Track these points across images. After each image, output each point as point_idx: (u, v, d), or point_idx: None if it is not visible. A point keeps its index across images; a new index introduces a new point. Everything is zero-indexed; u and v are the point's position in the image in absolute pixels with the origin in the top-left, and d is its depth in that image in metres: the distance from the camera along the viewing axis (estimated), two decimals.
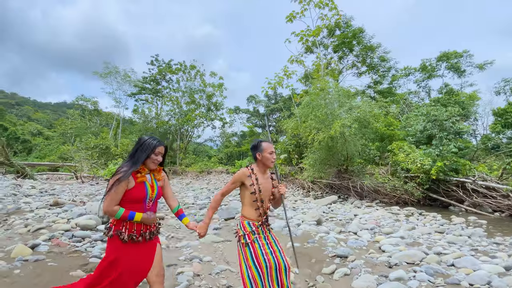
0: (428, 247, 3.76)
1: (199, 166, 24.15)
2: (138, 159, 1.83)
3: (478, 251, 3.65)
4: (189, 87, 28.44)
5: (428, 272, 2.81)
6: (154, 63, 28.76)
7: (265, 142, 2.19)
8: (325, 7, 15.14)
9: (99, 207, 1.80)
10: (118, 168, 1.83)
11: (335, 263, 3.26)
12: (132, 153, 1.87)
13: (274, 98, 34.31)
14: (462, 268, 2.97)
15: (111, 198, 1.72)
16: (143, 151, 1.85)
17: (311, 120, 10.31)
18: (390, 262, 3.22)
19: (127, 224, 1.79)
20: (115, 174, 1.76)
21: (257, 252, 2.00)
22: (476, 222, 6.37)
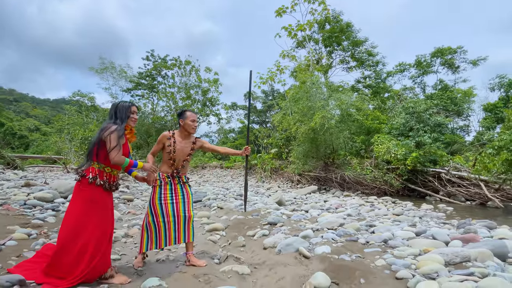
0: (368, 223, 3.94)
1: (193, 161, 24.39)
2: (122, 118, 2.19)
3: (415, 227, 3.81)
4: (185, 82, 28.61)
5: (338, 234, 3.06)
6: (150, 58, 28.95)
7: (189, 111, 2.58)
8: (315, 2, 15.25)
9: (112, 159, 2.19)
10: (106, 126, 2.12)
11: (263, 229, 3.63)
12: (112, 115, 2.20)
13: (271, 94, 34.45)
14: (375, 233, 3.19)
15: (118, 149, 2.05)
16: (121, 112, 2.20)
17: (295, 113, 10.50)
18: (312, 228, 3.54)
19: (107, 175, 2.18)
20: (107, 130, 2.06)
21: (155, 196, 2.47)
22: (443, 208, 6.58)
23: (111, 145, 2.04)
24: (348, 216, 4.44)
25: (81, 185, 2.11)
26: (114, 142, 2.04)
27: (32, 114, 48.60)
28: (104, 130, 2.09)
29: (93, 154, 2.14)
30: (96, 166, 2.15)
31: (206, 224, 3.96)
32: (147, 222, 2.46)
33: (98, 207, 2.11)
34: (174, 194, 2.51)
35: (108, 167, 2.18)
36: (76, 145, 16.30)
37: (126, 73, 29.41)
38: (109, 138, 2.05)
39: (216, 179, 17.11)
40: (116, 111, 2.20)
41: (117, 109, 2.21)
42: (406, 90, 24.81)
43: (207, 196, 6.36)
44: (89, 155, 2.16)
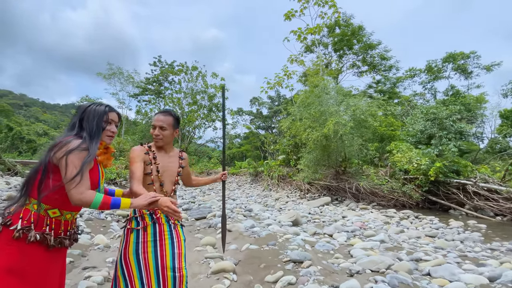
0: (409, 252, 3.33)
1: (199, 167, 23.99)
2: (92, 130, 1.34)
3: (467, 257, 3.23)
4: (191, 88, 28.44)
5: (391, 283, 2.36)
6: (157, 64, 28.94)
7: (157, 113, 1.80)
8: (324, 5, 14.86)
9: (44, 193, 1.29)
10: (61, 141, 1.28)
11: (286, 269, 2.81)
12: (74, 124, 1.36)
13: (277, 99, 34.06)
14: (437, 278, 2.53)
15: (82, 180, 1.22)
16: (91, 120, 1.36)
17: (305, 119, 9.98)
18: (351, 269, 2.79)
19: (52, 222, 1.28)
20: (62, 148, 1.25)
21: (128, 247, 1.57)
22: (475, 226, 5.91)
23: (68, 172, 1.21)
24: (381, 242, 3.80)
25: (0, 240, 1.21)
26: (74, 168, 1.22)
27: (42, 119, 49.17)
28: (56, 148, 1.26)
29: (32, 187, 1.27)
30: (33, 208, 1.26)
31: (211, 259, 3.12)
32: (116, 277, 1.59)
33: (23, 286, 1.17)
34: (160, 241, 1.58)
35: (56, 209, 1.30)
36: None
37: (134, 78, 29.48)
38: (65, 160, 1.22)
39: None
40: (82, 117, 1.37)
41: (85, 114, 1.37)
42: (416, 96, 24.12)
43: (212, 212, 5.66)
44: (25, 187, 1.29)
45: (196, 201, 8.40)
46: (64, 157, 1.22)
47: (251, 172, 19.23)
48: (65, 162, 1.22)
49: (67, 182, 1.21)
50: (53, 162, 1.26)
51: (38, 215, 1.26)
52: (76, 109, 1.43)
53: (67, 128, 1.39)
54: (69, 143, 1.26)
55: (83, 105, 1.42)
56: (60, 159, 1.24)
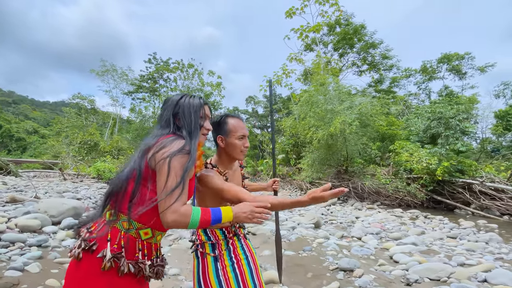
0: (448, 256, 3.21)
1: None
2: (191, 127, 1.05)
3: (504, 260, 3.15)
4: (187, 86, 28.03)
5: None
6: (152, 61, 28.39)
7: (234, 118, 1.41)
8: (325, 3, 14.77)
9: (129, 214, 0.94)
10: (162, 141, 1.00)
11: (338, 279, 2.59)
12: (168, 120, 1.07)
13: (273, 99, 33.97)
14: (499, 285, 2.39)
15: (182, 194, 0.93)
16: (188, 115, 1.07)
17: (310, 117, 9.86)
18: (408, 278, 2.59)
19: (144, 245, 0.99)
20: (165, 149, 0.96)
21: (208, 272, 1.28)
22: (487, 226, 5.90)
23: (169, 182, 0.92)
24: (413, 245, 3.66)
25: (80, 272, 0.92)
26: (175, 177, 0.93)
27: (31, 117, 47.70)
28: (156, 148, 0.98)
29: (122, 199, 0.97)
30: (122, 228, 0.96)
31: None
32: None
33: None
34: (237, 263, 1.34)
35: (148, 228, 0.99)
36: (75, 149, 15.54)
37: (128, 75, 28.84)
38: (168, 166, 0.94)
39: None
40: (176, 112, 1.08)
41: (179, 108, 1.09)
42: (410, 96, 24.39)
43: None
44: (110, 200, 0.99)
45: None
46: (166, 161, 0.93)
47: (250, 172, 19.08)
48: (167, 167, 0.92)
49: (165, 195, 0.91)
50: (151, 166, 0.97)
51: (128, 237, 0.95)
52: (164, 102, 1.15)
53: (159, 125, 1.10)
54: (172, 144, 0.97)
55: (173, 97, 1.13)
56: (160, 163, 0.94)
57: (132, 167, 0.99)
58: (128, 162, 1.03)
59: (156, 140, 1.01)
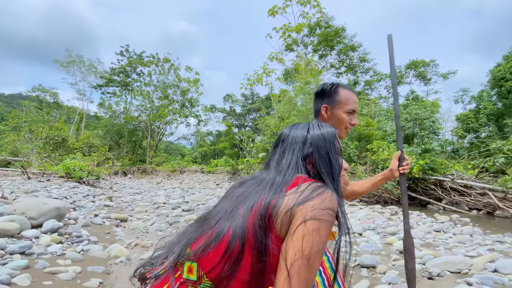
0: (446, 248, 3.37)
1: (171, 165, 22.81)
2: (336, 178, 0.74)
3: (494, 250, 3.39)
4: (162, 81, 26.92)
5: (489, 284, 2.25)
6: (124, 53, 26.81)
7: (347, 89, 1.19)
8: (307, 4, 15.01)
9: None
10: (308, 188, 0.64)
11: (364, 276, 2.55)
12: (294, 165, 0.73)
13: (251, 98, 33.88)
14: (510, 274, 2.49)
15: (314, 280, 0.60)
16: (325, 157, 0.75)
17: (294, 116, 9.95)
18: (430, 272, 2.61)
19: None
20: (317, 200, 0.61)
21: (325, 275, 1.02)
22: (461, 220, 6.37)
23: (311, 268, 0.57)
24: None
25: None
26: (317, 258, 0.58)
27: None
28: (302, 198, 0.62)
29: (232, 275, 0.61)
30: None
31: None
32: None
33: None
34: None
35: None
36: (39, 145, 14.11)
37: (96, 68, 26.91)
38: (312, 237, 0.57)
39: (200, 185, 15.91)
40: (309, 152, 0.75)
41: (314, 146, 0.75)
42: (380, 99, 25.81)
43: None
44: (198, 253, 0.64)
45: (189, 200, 7.82)
46: (309, 226, 0.57)
47: (229, 170, 18.83)
48: (311, 241, 0.56)
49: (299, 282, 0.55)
50: (278, 231, 0.60)
51: None
52: (281, 139, 0.81)
53: (274, 172, 0.74)
54: (323, 196, 0.62)
55: (294, 131, 0.80)
56: (300, 227, 0.58)
57: (238, 231, 0.62)
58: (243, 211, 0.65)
59: (292, 184, 0.67)
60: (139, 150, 27.01)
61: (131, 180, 18.55)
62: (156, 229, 4.08)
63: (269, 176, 0.73)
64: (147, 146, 25.66)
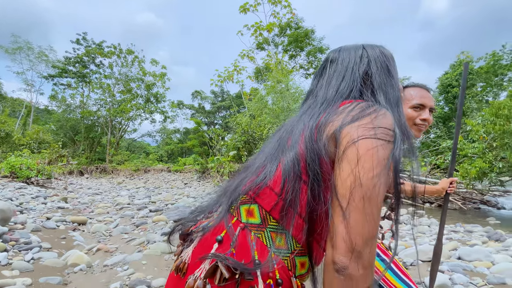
0: (412, 238, 3.60)
1: (134, 163, 21.50)
2: (397, 98, 0.62)
3: (452, 239, 3.71)
4: (125, 74, 25.22)
5: (459, 272, 2.37)
6: (81, 42, 24.56)
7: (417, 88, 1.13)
8: (277, 4, 15.17)
9: None
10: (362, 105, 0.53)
11: None
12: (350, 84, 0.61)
13: (221, 95, 33.38)
14: (475, 261, 2.68)
15: (379, 215, 0.47)
16: (385, 74, 0.63)
17: (266, 114, 9.98)
18: (404, 261, 2.72)
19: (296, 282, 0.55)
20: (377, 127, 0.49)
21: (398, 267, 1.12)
22: (417, 212, 6.94)
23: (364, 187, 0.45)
24: None
25: None
26: (382, 185, 0.48)
27: None
28: (348, 119, 0.51)
29: (295, 205, 0.53)
30: (273, 246, 0.53)
31: None
32: None
33: None
34: None
35: (307, 257, 0.57)
36: None
37: (48, 56, 24.29)
38: (367, 157, 0.47)
39: (167, 184, 15.23)
40: (373, 68, 0.63)
41: (373, 63, 0.63)
42: None
43: None
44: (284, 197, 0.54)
45: (157, 200, 7.37)
46: (363, 146, 0.47)
47: (198, 169, 18.31)
48: (367, 163, 0.46)
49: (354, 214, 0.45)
50: (329, 154, 0.52)
51: (282, 265, 0.53)
52: (330, 58, 0.68)
53: (337, 88, 0.61)
54: (376, 115, 0.51)
55: (347, 48, 0.68)
56: (349, 149, 0.48)
57: (300, 146, 0.54)
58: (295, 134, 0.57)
59: (334, 108, 0.56)
60: (98, 148, 25.05)
61: (89, 180, 17.11)
62: (121, 231, 3.74)
63: (317, 101, 0.62)
64: (107, 144, 23.85)
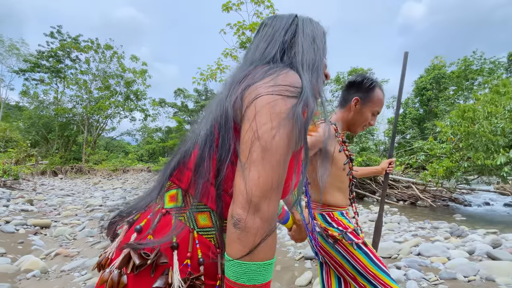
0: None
1: (112, 163, 20.75)
2: (317, 65, 0.61)
3: (417, 235, 3.87)
4: (103, 70, 24.26)
5: (415, 267, 2.47)
6: (56, 35, 23.35)
7: (381, 91, 1.28)
8: (261, 4, 15.17)
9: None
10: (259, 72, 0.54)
11: (308, 268, 2.60)
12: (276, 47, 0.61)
13: (205, 94, 32.96)
14: (432, 256, 2.80)
15: (281, 167, 0.47)
16: (310, 43, 0.62)
17: None
18: None
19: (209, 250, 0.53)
20: (267, 84, 0.50)
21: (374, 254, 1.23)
22: (390, 210, 7.20)
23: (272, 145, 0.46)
24: None
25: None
26: (281, 140, 0.47)
27: None
28: (248, 82, 0.53)
29: (202, 171, 0.53)
30: (196, 225, 0.54)
31: None
32: None
33: None
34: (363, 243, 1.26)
35: None
36: None
37: (19, 50, 22.90)
38: (263, 115, 0.48)
39: (146, 185, 14.82)
40: (294, 37, 0.63)
41: (300, 32, 0.64)
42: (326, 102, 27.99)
43: None
44: (179, 170, 0.58)
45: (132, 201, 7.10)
46: (259, 105, 0.48)
47: None
48: (264, 117, 0.47)
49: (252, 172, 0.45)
50: (236, 118, 0.52)
51: (207, 242, 0.53)
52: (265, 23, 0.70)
53: (253, 59, 0.61)
54: (276, 75, 0.51)
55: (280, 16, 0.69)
56: (248, 109, 0.49)
57: (214, 115, 0.55)
58: (207, 112, 0.61)
59: (246, 73, 0.56)
60: (73, 147, 23.97)
61: (63, 180, 16.32)
62: (87, 234, 3.58)
63: (246, 63, 0.63)
64: (83, 142, 22.84)
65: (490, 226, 5.13)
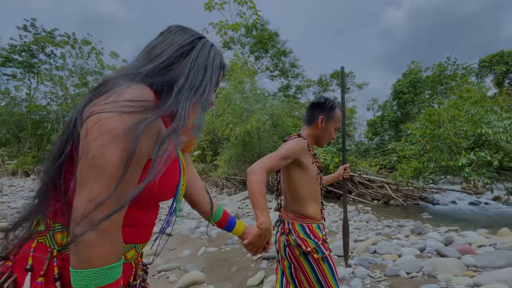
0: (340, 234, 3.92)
1: None
2: (204, 83, 0.63)
3: (381, 234, 4.07)
4: (80, 66, 23.35)
5: (364, 265, 2.61)
6: (29, 29, 22.23)
7: (339, 108, 1.47)
8: (244, 5, 15.24)
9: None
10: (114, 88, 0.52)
11: (262, 268, 2.67)
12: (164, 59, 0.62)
13: None
14: (385, 254, 2.96)
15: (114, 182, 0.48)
16: (202, 66, 0.64)
17: (228, 114, 9.99)
18: None
19: None
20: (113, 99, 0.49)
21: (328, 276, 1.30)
22: (364, 209, 7.49)
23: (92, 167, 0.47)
24: None
25: None
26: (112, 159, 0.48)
27: None
28: (95, 96, 0.53)
29: (57, 191, 0.55)
30: (52, 242, 0.56)
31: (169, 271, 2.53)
32: None
33: None
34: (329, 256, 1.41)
35: None
36: None
37: None
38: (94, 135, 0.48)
39: None
40: (187, 54, 0.65)
41: (195, 53, 0.65)
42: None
43: None
44: (44, 191, 0.56)
45: None
46: (90, 124, 0.49)
47: None
48: (99, 131, 0.48)
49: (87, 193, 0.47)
50: (77, 132, 0.53)
51: (65, 258, 0.55)
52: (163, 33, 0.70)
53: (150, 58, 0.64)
54: (121, 94, 0.51)
55: (181, 31, 0.69)
56: (83, 128, 0.50)
57: (64, 136, 0.56)
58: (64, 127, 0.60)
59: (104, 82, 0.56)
60: (47, 146, 22.88)
61: (35, 181, 15.54)
62: None
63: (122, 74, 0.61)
64: None
65: (453, 223, 5.47)
